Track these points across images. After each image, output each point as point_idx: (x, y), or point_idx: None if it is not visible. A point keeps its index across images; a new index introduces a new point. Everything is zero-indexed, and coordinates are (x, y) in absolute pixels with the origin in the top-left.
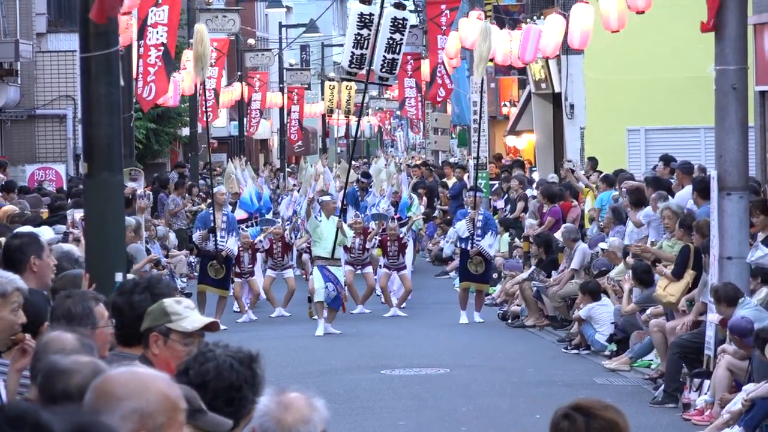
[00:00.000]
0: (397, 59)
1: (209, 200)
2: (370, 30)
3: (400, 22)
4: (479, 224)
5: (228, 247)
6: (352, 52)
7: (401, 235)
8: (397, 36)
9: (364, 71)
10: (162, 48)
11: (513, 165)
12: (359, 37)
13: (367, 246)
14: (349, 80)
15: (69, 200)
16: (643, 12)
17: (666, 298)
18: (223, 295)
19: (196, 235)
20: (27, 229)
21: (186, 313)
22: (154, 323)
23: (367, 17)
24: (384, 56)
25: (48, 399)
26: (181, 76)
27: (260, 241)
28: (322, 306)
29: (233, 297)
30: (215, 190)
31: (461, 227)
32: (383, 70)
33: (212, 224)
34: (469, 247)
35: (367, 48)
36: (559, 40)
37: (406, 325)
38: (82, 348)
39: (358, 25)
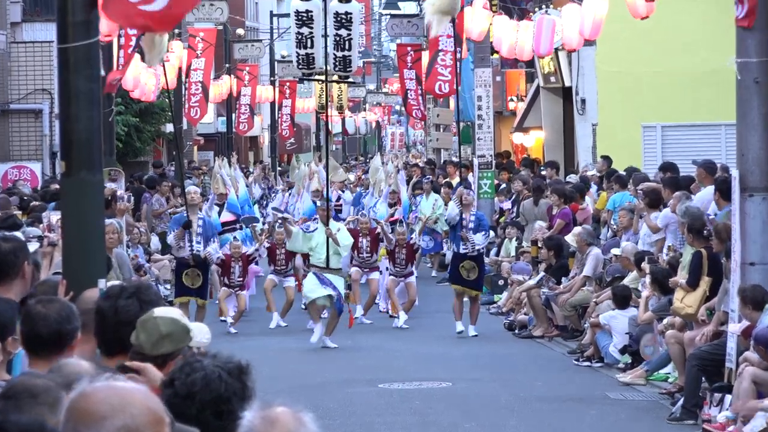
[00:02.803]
0: (349, 56)
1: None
2: (311, 28)
3: (344, 16)
4: (471, 225)
5: (208, 251)
6: (297, 53)
7: (410, 240)
8: (343, 32)
9: (315, 70)
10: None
11: (523, 164)
12: (300, 36)
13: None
14: (308, 80)
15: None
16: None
17: (684, 310)
18: (201, 304)
19: (171, 237)
20: None
21: (191, 325)
22: (179, 345)
23: (304, 15)
24: (334, 54)
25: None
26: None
27: (256, 250)
28: (316, 308)
29: (217, 303)
30: (187, 189)
31: (451, 209)
32: (336, 68)
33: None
34: (460, 250)
35: (311, 47)
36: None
37: (405, 335)
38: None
39: (297, 24)
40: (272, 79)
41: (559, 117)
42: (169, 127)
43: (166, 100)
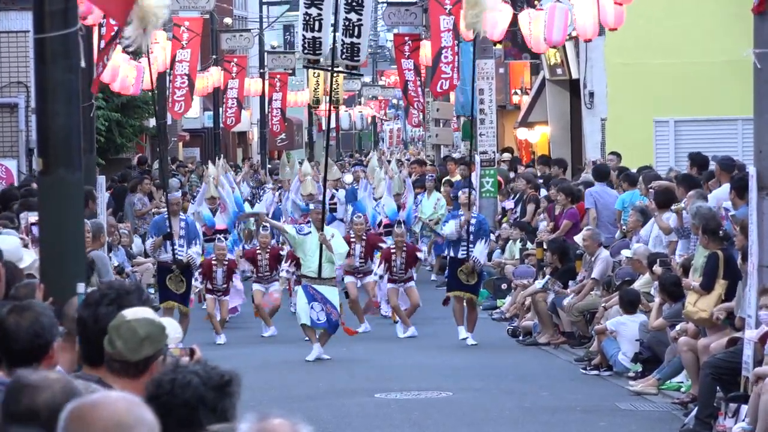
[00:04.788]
0: (358, 43)
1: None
2: (320, 9)
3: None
4: (472, 229)
5: (190, 254)
6: (303, 36)
7: (410, 244)
8: (353, 16)
9: (321, 56)
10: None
11: (536, 162)
12: (308, 18)
13: (374, 261)
14: (312, 68)
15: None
16: None
17: (697, 314)
18: (184, 312)
19: (149, 244)
20: None
21: (163, 322)
22: (159, 346)
23: None
24: (342, 40)
25: (10, 417)
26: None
27: (243, 251)
28: (312, 330)
29: (207, 317)
30: (170, 197)
31: (450, 229)
32: (344, 56)
33: (168, 230)
34: (458, 255)
35: (319, 30)
36: (597, 20)
37: (403, 343)
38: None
39: (305, 4)
40: (262, 71)
41: (565, 111)
42: (153, 122)
43: (149, 93)
